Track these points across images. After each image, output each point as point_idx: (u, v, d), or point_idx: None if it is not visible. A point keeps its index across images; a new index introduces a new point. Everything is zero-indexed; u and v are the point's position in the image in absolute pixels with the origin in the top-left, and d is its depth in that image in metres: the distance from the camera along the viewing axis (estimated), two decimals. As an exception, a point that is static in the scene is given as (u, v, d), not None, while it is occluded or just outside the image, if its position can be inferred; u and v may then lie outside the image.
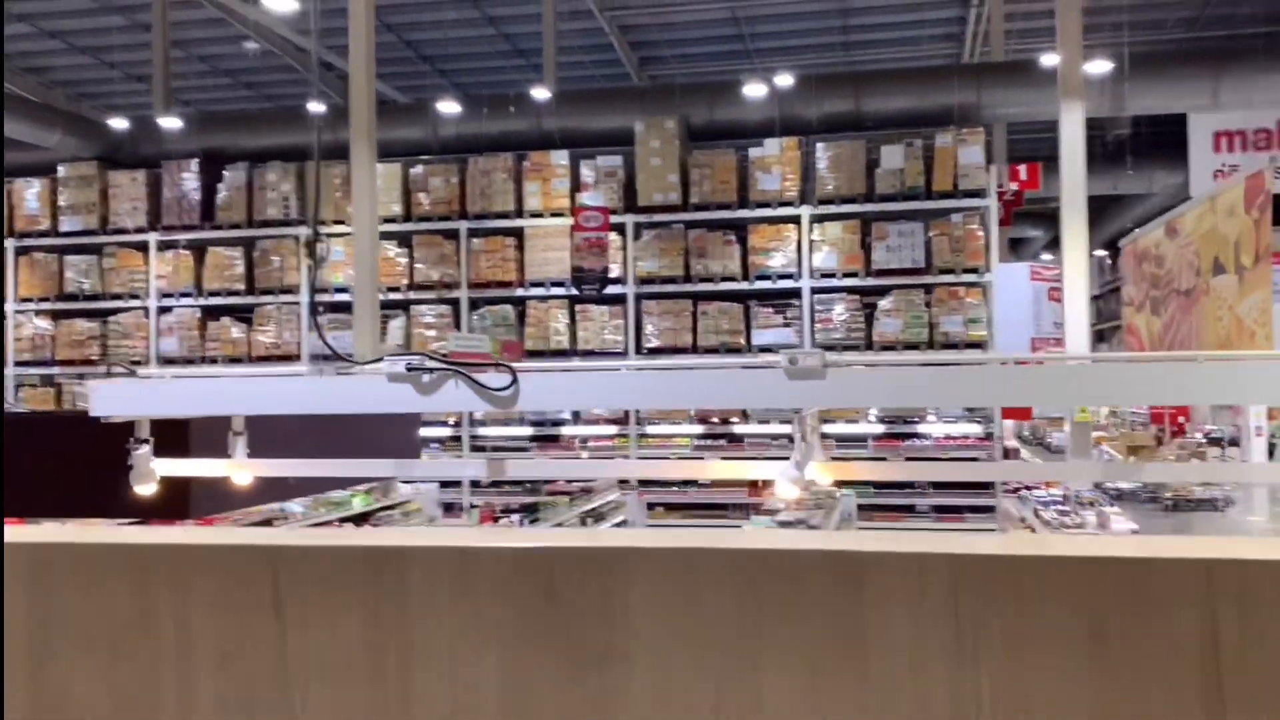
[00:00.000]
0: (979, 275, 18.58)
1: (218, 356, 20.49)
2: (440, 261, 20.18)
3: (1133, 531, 10.17)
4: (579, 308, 19.80)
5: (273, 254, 20.44)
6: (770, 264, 19.19)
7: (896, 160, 18.84)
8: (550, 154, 19.99)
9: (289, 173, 20.52)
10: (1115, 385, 2.91)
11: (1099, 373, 3.09)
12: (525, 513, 12.19)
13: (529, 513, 12.59)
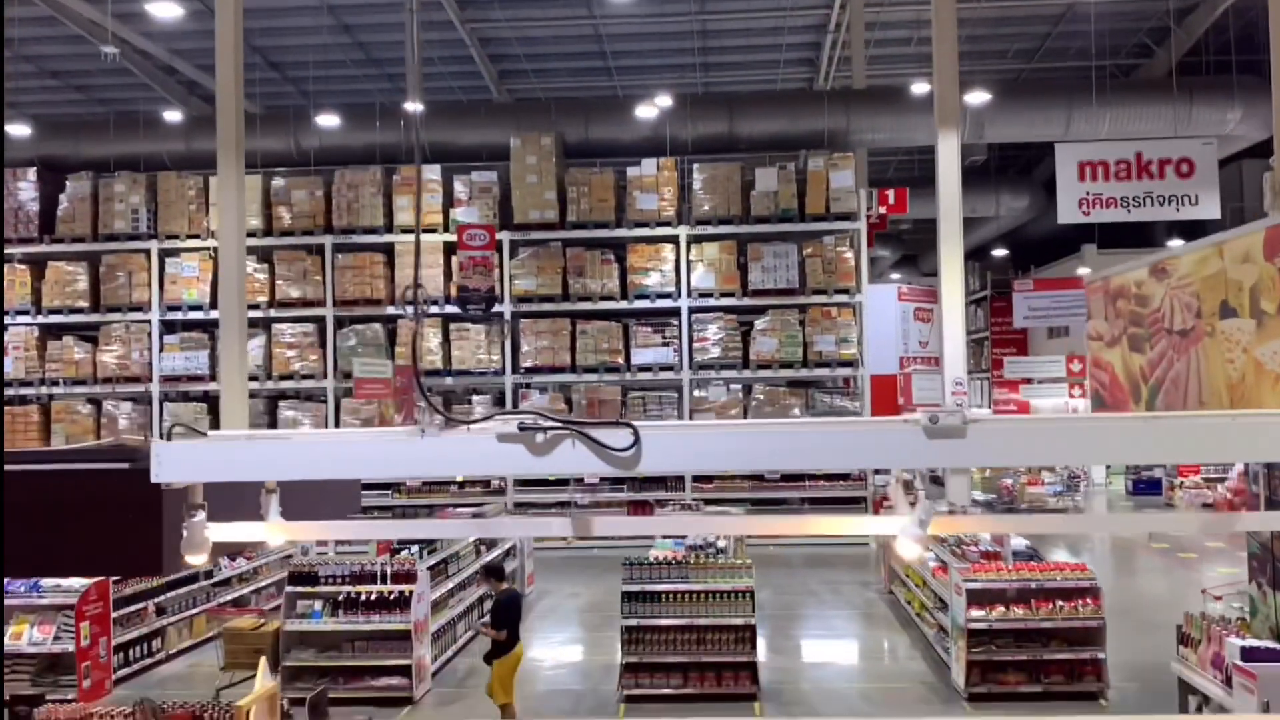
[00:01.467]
0: (850, 296, 19.05)
1: (59, 378, 19.04)
2: (303, 278, 19.33)
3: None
4: (454, 327, 19.30)
5: (120, 269, 19.15)
6: (649, 283, 19.16)
7: (771, 183, 19.14)
8: (422, 168, 19.45)
9: (139, 183, 19.29)
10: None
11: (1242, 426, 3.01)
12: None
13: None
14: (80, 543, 4.15)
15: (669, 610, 9.86)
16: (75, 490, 4.18)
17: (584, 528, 3.77)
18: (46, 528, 4.16)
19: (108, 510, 4.15)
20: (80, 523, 4.14)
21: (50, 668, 10.38)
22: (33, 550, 4.18)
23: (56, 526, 4.16)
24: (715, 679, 9.81)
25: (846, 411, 18.99)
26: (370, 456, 3.10)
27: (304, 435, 3.35)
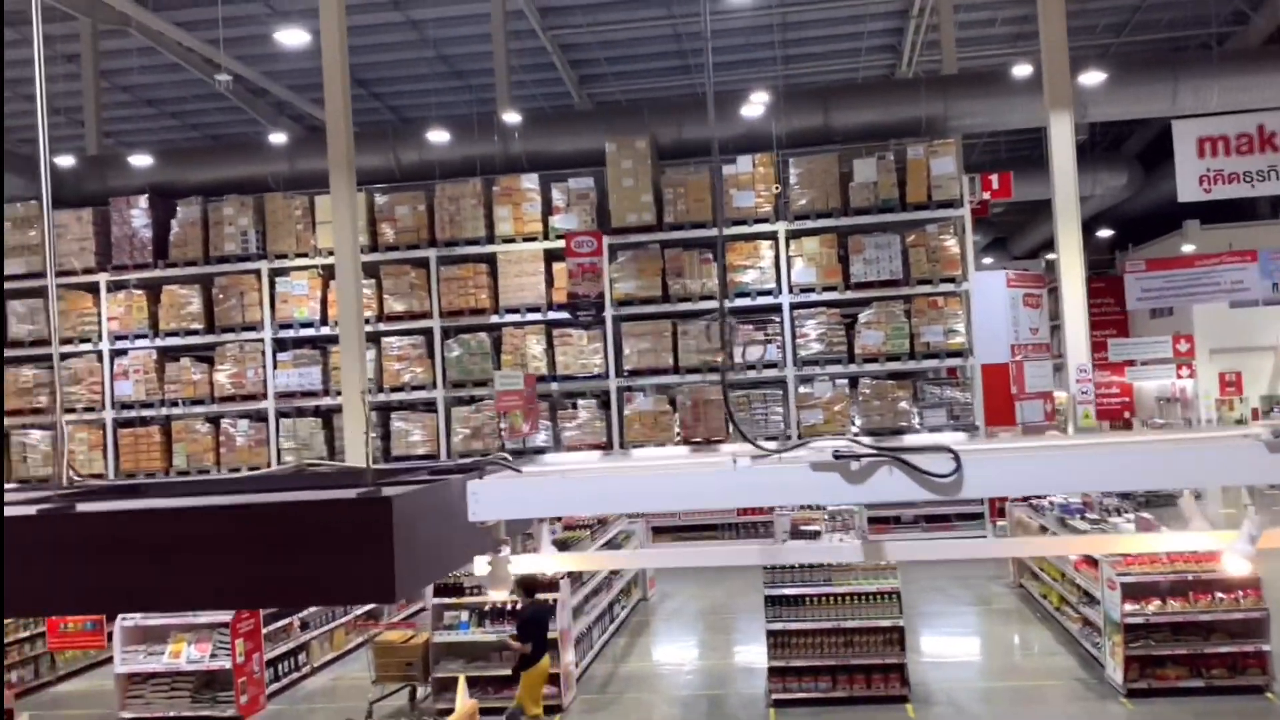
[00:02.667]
0: (956, 284, 18.75)
1: (178, 399, 19.59)
2: (409, 291, 19.61)
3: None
4: (557, 333, 19.43)
5: (232, 290, 19.63)
6: (748, 281, 19.09)
7: (869, 173, 18.92)
8: (520, 178, 19.60)
9: (246, 206, 19.74)
10: None
11: None
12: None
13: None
14: (311, 572, 4.24)
15: (814, 614, 9.81)
16: (304, 519, 4.28)
17: (874, 553, 3.75)
18: (275, 558, 4.25)
19: (338, 538, 4.24)
20: (310, 551, 4.23)
21: (207, 685, 10.69)
22: (264, 581, 4.28)
23: (286, 556, 4.25)
24: (864, 681, 9.74)
25: (958, 403, 18.71)
26: (683, 490, 3.11)
27: (616, 469, 3.37)
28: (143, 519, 4.48)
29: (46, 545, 4.52)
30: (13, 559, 4.59)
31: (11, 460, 19.76)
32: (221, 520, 4.41)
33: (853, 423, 18.85)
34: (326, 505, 4.38)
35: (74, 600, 5.03)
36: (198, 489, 6.22)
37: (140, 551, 4.38)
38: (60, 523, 4.54)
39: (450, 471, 5.37)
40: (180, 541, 4.38)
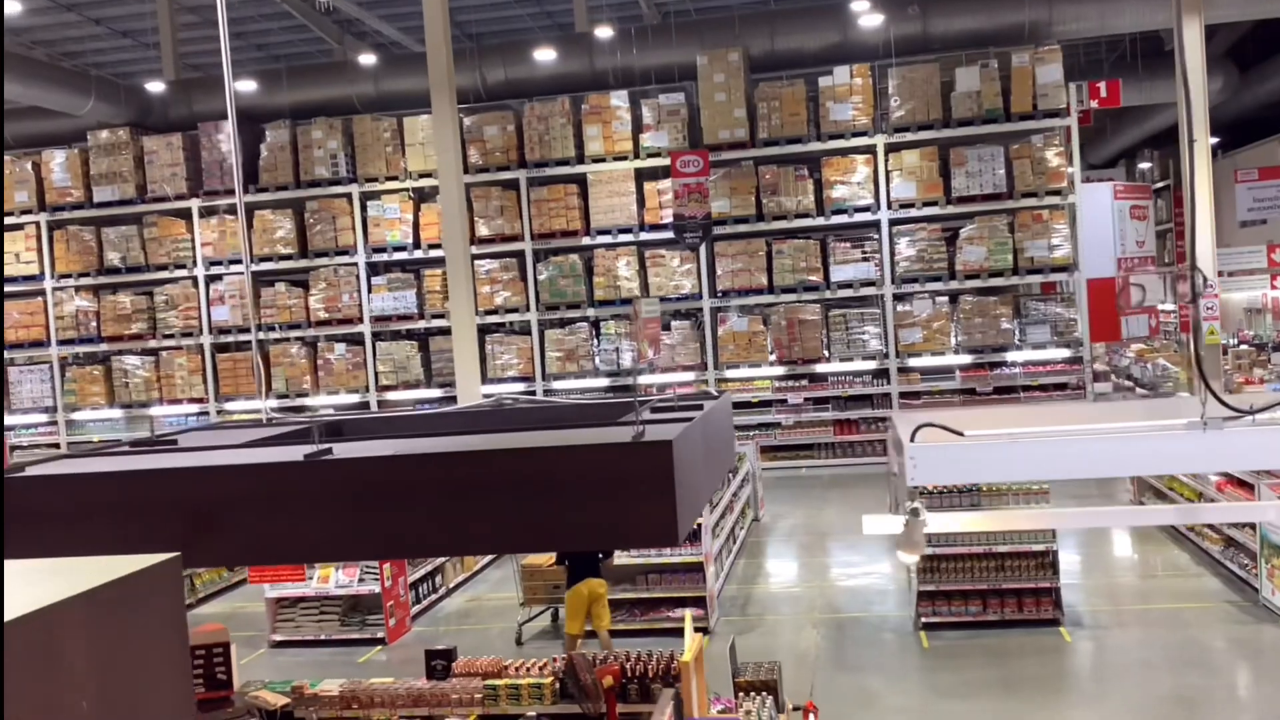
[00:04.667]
0: (1062, 197, 18.25)
1: (274, 324, 19.72)
2: (500, 214, 19.45)
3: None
4: (649, 254, 19.23)
5: (323, 214, 19.58)
6: (846, 197, 18.71)
7: (972, 83, 18.34)
8: (609, 95, 19.21)
9: (335, 129, 19.57)
10: None
11: None
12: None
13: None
14: (596, 515, 4.19)
15: (965, 538, 9.72)
16: (587, 461, 4.22)
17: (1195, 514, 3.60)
18: (560, 501, 4.21)
19: (623, 481, 4.19)
20: (595, 495, 4.19)
21: (354, 608, 10.88)
22: (549, 525, 4.24)
23: (572, 500, 4.21)
24: (1016, 604, 9.69)
25: (1062, 320, 18.37)
26: (1145, 453, 2.99)
27: (1069, 432, 3.24)
28: (425, 463, 4.45)
29: (316, 493, 4.51)
30: (276, 505, 4.59)
31: (114, 384, 20.07)
32: (504, 465, 4.36)
33: (952, 341, 18.60)
34: (610, 449, 4.32)
35: (350, 547, 5.07)
36: (408, 427, 6.20)
37: (428, 496, 4.36)
38: (331, 469, 4.53)
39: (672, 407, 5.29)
40: (463, 486, 4.35)
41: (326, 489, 4.47)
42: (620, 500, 4.19)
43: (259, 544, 4.61)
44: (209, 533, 4.54)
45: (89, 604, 2.32)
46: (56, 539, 4.69)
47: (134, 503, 4.58)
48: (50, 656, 2.21)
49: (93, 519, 4.58)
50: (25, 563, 2.86)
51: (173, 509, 4.56)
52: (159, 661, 2.62)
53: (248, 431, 6.46)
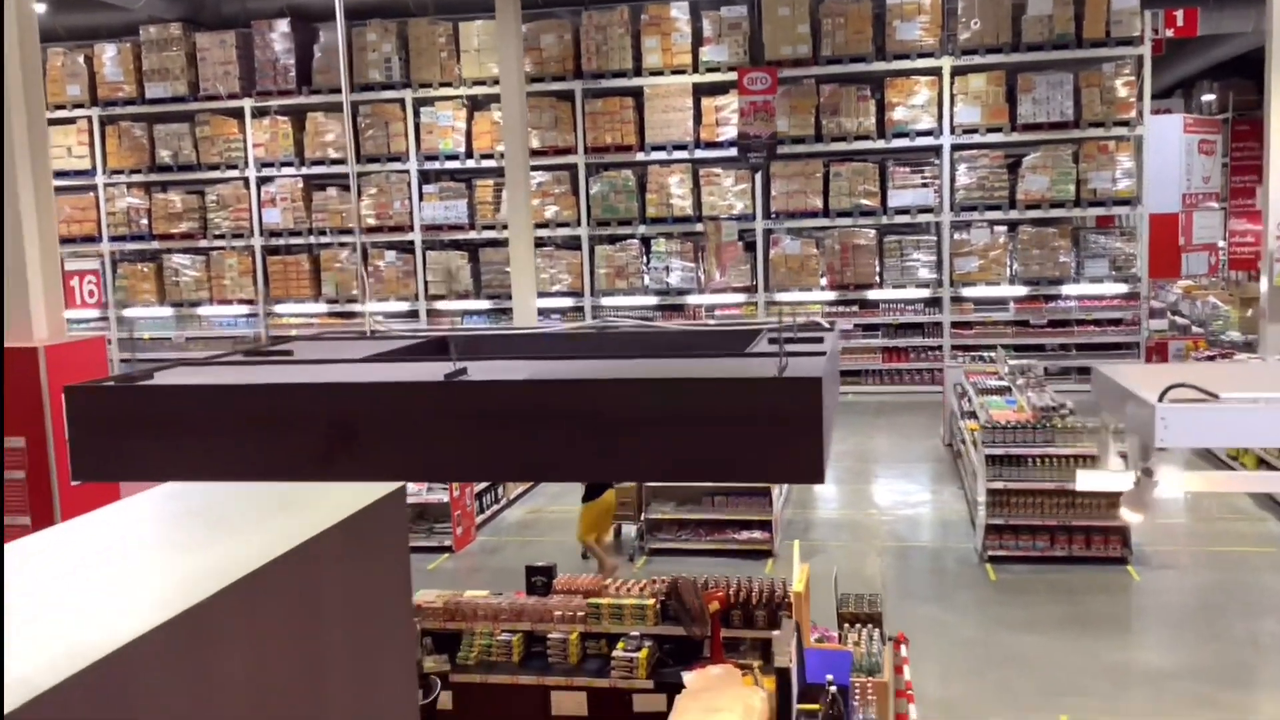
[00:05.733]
0: (1130, 128, 17.84)
1: (325, 228, 19.68)
2: (554, 125, 19.18)
3: None
4: (703, 172, 18.99)
5: (376, 120, 19.37)
6: (908, 120, 18.36)
7: (1044, 5, 17.80)
8: (669, 6, 18.75)
9: (389, 31, 19.24)
10: None
11: None
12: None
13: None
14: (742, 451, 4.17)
15: (1036, 474, 9.72)
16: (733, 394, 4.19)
17: None
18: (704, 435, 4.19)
19: (771, 416, 4.16)
20: (742, 430, 4.16)
21: (421, 516, 11.03)
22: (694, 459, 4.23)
23: (716, 434, 4.19)
24: (1084, 541, 9.73)
25: (1121, 254, 18.12)
26: None
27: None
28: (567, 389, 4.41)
29: (455, 413, 4.50)
30: (417, 424, 4.59)
31: (165, 282, 20.15)
32: (646, 394, 4.33)
33: (1008, 271, 18.40)
34: (758, 384, 4.28)
35: (476, 467, 5.09)
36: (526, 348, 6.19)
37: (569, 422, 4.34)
38: (472, 390, 4.51)
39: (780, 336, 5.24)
40: (604, 414, 4.33)
41: (466, 409, 4.46)
42: (766, 436, 4.16)
43: (398, 462, 4.62)
44: (349, 450, 4.55)
45: (343, 534, 2.35)
46: (192, 453, 4.72)
47: (271, 417, 4.58)
48: (312, 586, 2.23)
49: (230, 433, 4.59)
50: (247, 490, 2.89)
51: (312, 424, 4.56)
52: (391, 588, 2.66)
53: (359, 344, 6.44)
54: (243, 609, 1.94)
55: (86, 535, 2.27)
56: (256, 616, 2.01)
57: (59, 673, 1.53)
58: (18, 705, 1.43)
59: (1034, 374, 12.90)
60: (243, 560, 2.01)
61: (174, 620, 1.74)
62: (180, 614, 1.76)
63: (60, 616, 1.77)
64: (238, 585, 1.92)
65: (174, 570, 1.99)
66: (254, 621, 2.00)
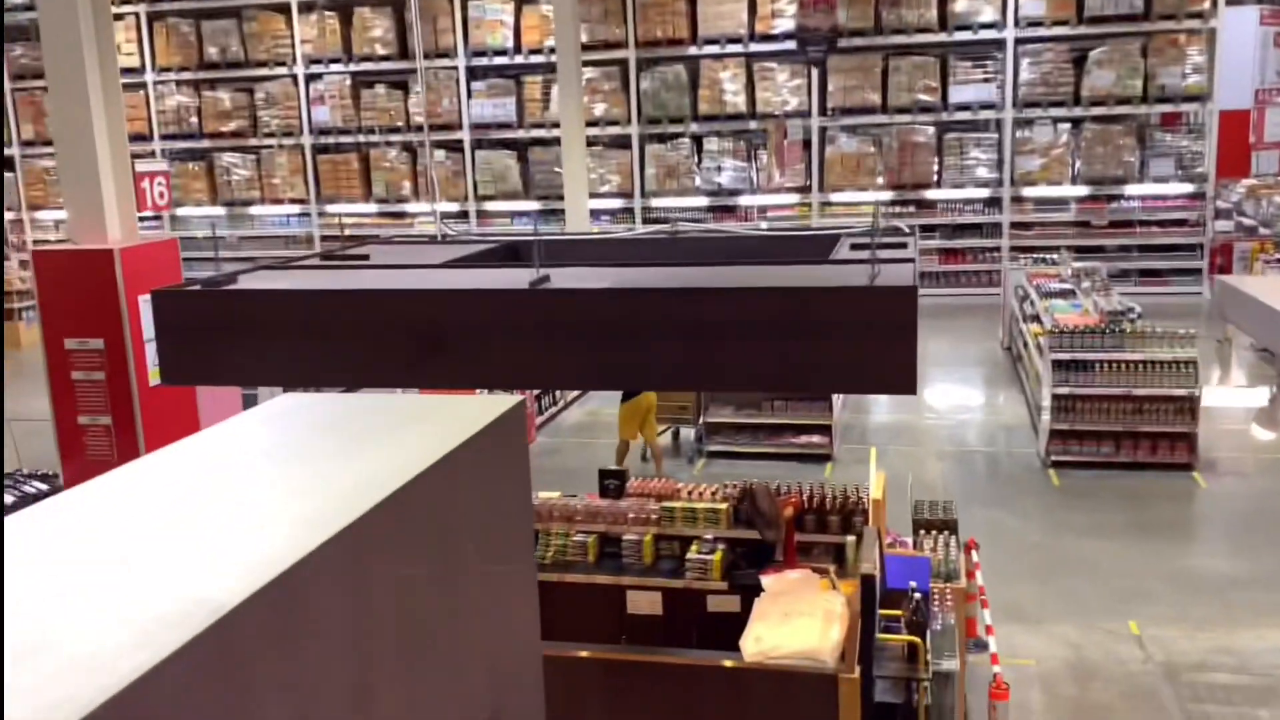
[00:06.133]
0: (1203, 21, 17.13)
1: (374, 126, 19.51)
2: (604, 19, 18.74)
3: None
4: (757, 67, 18.53)
5: (424, 14, 18.96)
6: (970, 12, 17.72)
7: (1119, -111, 16.99)
8: (724, -110, 18.12)
9: (437, -77, 18.76)
10: None
11: None
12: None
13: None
14: (840, 360, 4.13)
15: (1104, 380, 9.59)
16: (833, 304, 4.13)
17: None
18: (803, 344, 4.15)
19: (868, 326, 4.10)
20: (839, 339, 4.11)
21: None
22: (788, 367, 4.20)
23: (815, 343, 4.14)
24: (1150, 447, 9.63)
25: (1188, 153, 17.56)
26: None
27: None
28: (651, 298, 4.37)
29: (539, 321, 4.47)
30: (501, 331, 4.57)
31: (216, 181, 20.17)
32: (739, 303, 4.28)
33: (1070, 171, 17.92)
34: (852, 292, 4.21)
35: (563, 375, 5.09)
36: (601, 254, 6.12)
37: (656, 331, 4.31)
38: (555, 299, 4.47)
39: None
40: (690, 323, 4.28)
41: (550, 317, 4.43)
42: (860, 345, 4.11)
43: (483, 368, 4.63)
44: (437, 357, 4.56)
45: (479, 445, 2.33)
46: (281, 359, 4.75)
47: (360, 323, 4.59)
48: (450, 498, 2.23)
49: (319, 339, 4.61)
50: (369, 399, 2.88)
51: (401, 330, 4.57)
52: (515, 498, 2.66)
53: (432, 249, 6.43)
54: (396, 521, 1.94)
55: (225, 448, 2.27)
56: (407, 529, 2.01)
57: (242, 590, 1.53)
58: (204, 627, 1.44)
59: (1099, 277, 12.65)
60: (395, 471, 2.01)
61: (343, 532, 1.74)
62: (348, 525, 1.76)
63: (232, 530, 1.77)
64: (395, 496, 1.91)
65: (328, 482, 1.99)
66: (405, 534, 2.00)
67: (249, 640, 1.54)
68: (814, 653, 4.60)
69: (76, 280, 6.54)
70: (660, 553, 6.13)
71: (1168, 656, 6.45)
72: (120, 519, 1.86)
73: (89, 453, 6.70)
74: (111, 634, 1.42)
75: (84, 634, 1.43)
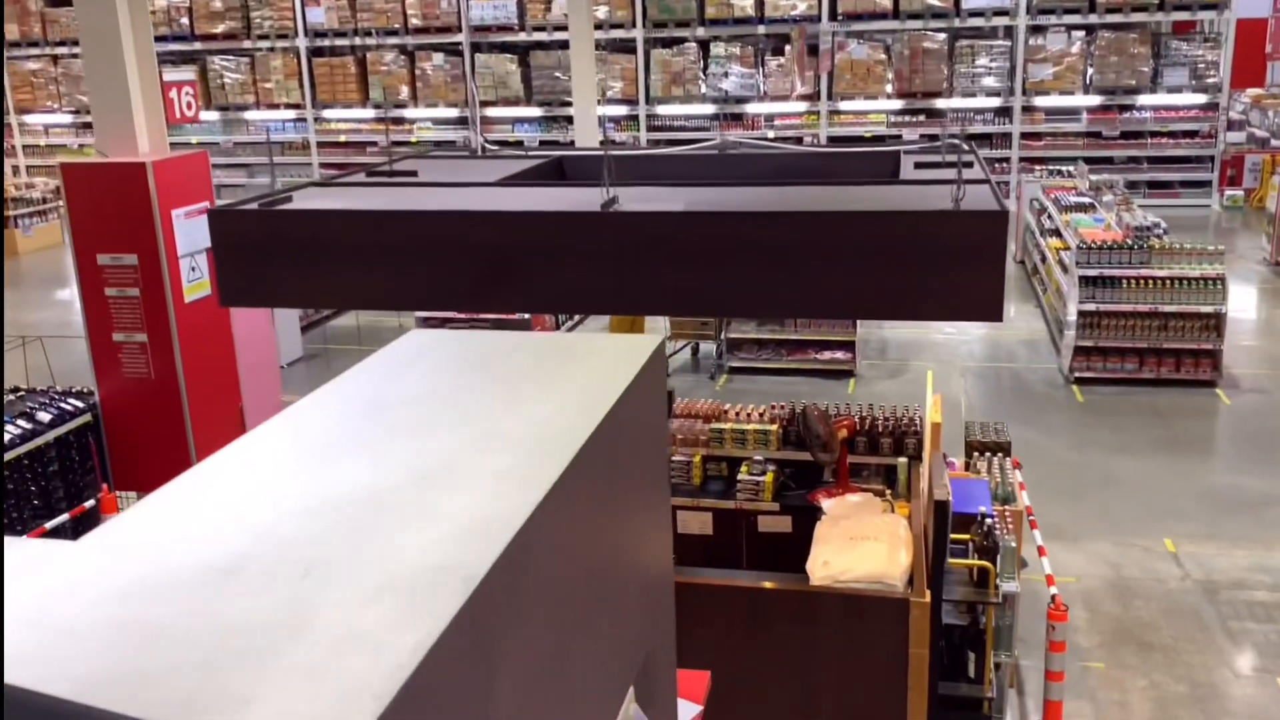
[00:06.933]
0: (1226, -76, 16.76)
1: (371, 29, 18.96)
2: (609, -84, 18.14)
3: None
4: (766, -32, 18.07)
5: (420, -90, 18.34)
6: (987, -86, 17.25)
7: None
8: None
9: None
10: None
11: None
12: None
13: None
14: (928, 285, 4.04)
15: (1131, 296, 9.56)
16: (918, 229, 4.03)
17: None
18: (888, 269, 4.06)
19: (953, 253, 4.01)
20: (926, 265, 4.02)
21: (500, 328, 11.03)
22: (870, 293, 4.11)
23: (899, 268, 4.05)
24: (1174, 364, 9.66)
25: (1203, 62, 17.30)
26: None
27: None
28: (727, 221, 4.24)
29: (610, 243, 4.35)
30: (571, 254, 4.46)
31: (209, 86, 19.64)
32: (834, 228, 4.17)
33: (1083, 80, 17.64)
34: (939, 217, 4.10)
35: (637, 300, 4.98)
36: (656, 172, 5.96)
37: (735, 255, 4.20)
38: (627, 221, 4.35)
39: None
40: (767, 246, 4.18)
41: (623, 239, 4.32)
42: (947, 271, 4.02)
43: (554, 293, 4.53)
44: (503, 279, 4.45)
45: (641, 382, 2.27)
46: (345, 280, 4.63)
47: (422, 244, 4.46)
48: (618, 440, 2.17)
49: (385, 261, 4.48)
50: (503, 337, 2.79)
51: (463, 252, 4.45)
52: (658, 431, 2.61)
53: (477, 164, 6.25)
54: (590, 469, 1.88)
55: (380, 396, 2.18)
56: (598, 475, 1.95)
57: (487, 556, 1.46)
58: (464, 598, 1.37)
59: (1119, 190, 12.54)
60: (580, 418, 1.94)
61: (555, 486, 1.68)
62: (559, 478, 1.70)
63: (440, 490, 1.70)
64: (589, 444, 1.85)
65: (513, 432, 1.92)
66: (596, 480, 1.95)
67: (496, 610, 1.48)
68: (884, 576, 4.62)
69: (108, 195, 6.36)
70: (708, 474, 6.13)
71: (1205, 574, 6.54)
72: (313, 481, 1.77)
73: (125, 370, 6.59)
74: (371, 608, 1.36)
75: (340, 612, 1.36)
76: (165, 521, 1.66)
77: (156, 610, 1.37)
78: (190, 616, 1.35)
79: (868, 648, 4.64)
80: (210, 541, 1.56)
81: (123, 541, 1.59)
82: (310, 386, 9.89)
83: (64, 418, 6.54)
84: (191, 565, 1.49)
